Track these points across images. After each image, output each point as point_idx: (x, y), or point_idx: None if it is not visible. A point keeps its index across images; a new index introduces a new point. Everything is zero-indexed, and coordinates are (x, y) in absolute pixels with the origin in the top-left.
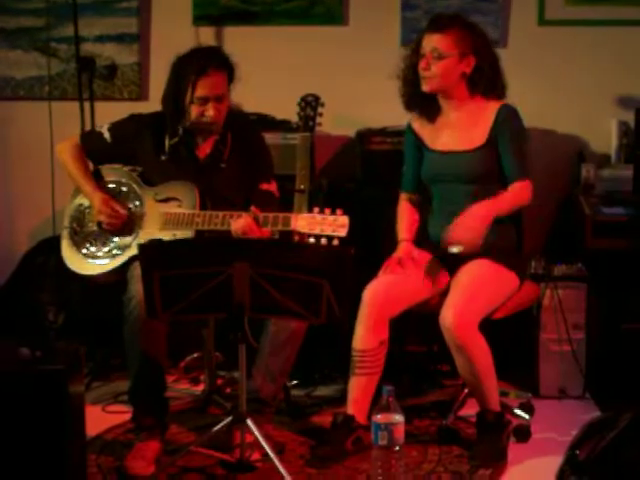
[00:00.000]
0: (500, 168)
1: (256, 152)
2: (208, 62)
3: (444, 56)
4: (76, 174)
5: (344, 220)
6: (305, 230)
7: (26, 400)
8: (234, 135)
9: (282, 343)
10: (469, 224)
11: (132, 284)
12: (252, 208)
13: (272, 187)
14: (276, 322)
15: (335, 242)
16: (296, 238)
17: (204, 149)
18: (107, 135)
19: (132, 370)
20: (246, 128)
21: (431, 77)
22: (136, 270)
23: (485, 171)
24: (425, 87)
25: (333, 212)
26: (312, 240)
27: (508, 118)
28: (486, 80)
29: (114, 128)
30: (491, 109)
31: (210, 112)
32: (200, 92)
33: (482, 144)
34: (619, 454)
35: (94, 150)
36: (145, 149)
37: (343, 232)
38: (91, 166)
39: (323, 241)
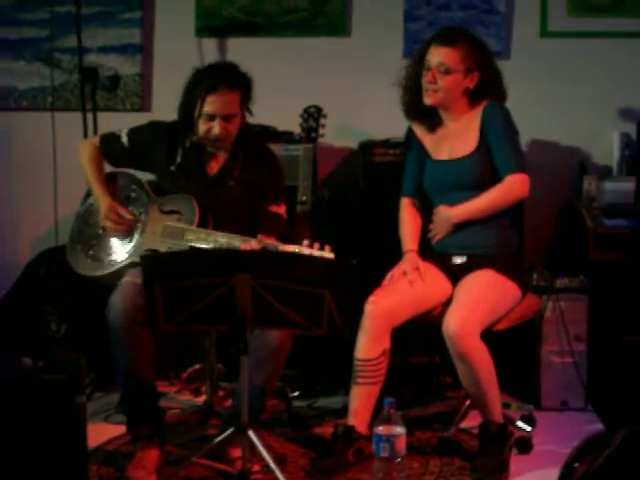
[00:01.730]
0: (497, 173)
1: (268, 173)
2: (220, 80)
3: (450, 71)
4: (89, 175)
5: (330, 258)
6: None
7: (28, 410)
8: (246, 154)
9: (265, 358)
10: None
11: (112, 296)
12: (259, 236)
13: (281, 210)
14: (258, 336)
15: None
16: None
17: (214, 165)
18: (125, 139)
19: (120, 380)
20: (259, 148)
21: (435, 91)
22: (122, 280)
23: (482, 175)
24: (428, 100)
25: (322, 247)
26: None
27: (492, 113)
28: (488, 95)
29: (132, 133)
30: (478, 111)
31: (216, 130)
32: (208, 108)
33: (475, 148)
34: (614, 473)
35: (111, 153)
36: (159, 157)
37: None
38: (108, 167)
39: None
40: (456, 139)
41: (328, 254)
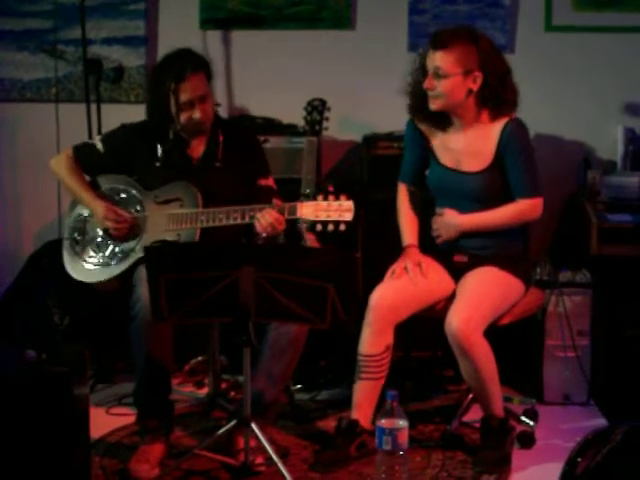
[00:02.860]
0: (507, 187)
1: (250, 149)
2: (184, 67)
3: (447, 75)
4: (73, 185)
5: (349, 205)
6: (311, 217)
7: (31, 402)
8: (225, 134)
9: (283, 348)
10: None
11: (138, 287)
12: (275, 201)
13: (270, 182)
14: (276, 327)
15: (342, 227)
16: (303, 226)
17: (196, 151)
18: (100, 146)
19: (137, 372)
20: (236, 127)
21: (437, 96)
22: (141, 273)
23: (491, 192)
24: (432, 106)
25: (337, 198)
26: (319, 227)
27: (514, 134)
28: (495, 94)
29: (106, 138)
30: (497, 127)
31: (197, 114)
32: (184, 97)
33: (488, 166)
34: (614, 469)
35: (88, 162)
36: (139, 157)
37: (349, 216)
38: (87, 178)
39: (330, 227)
40: (467, 150)
41: (346, 202)
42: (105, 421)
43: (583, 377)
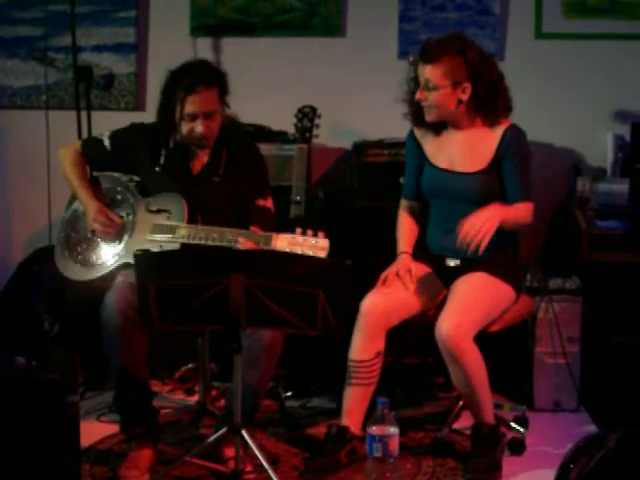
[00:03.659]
0: (501, 190)
1: (253, 168)
2: (196, 79)
3: (437, 87)
4: (73, 180)
5: (324, 243)
6: (285, 250)
7: (21, 409)
8: (230, 150)
9: (256, 355)
10: (483, 214)
11: (107, 294)
12: (252, 228)
13: (268, 203)
14: (249, 335)
15: None
16: None
17: (198, 163)
18: (107, 143)
19: (114, 380)
20: (243, 143)
21: (429, 107)
22: (116, 279)
23: (485, 194)
24: (427, 118)
25: (315, 234)
26: None
27: (515, 140)
28: (485, 103)
29: (114, 136)
30: (497, 132)
31: (199, 129)
32: (189, 109)
33: (484, 167)
34: (607, 475)
35: (94, 157)
36: (142, 159)
37: (323, 255)
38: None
39: None
40: (463, 151)
41: (322, 239)
42: (95, 428)
43: (573, 384)
